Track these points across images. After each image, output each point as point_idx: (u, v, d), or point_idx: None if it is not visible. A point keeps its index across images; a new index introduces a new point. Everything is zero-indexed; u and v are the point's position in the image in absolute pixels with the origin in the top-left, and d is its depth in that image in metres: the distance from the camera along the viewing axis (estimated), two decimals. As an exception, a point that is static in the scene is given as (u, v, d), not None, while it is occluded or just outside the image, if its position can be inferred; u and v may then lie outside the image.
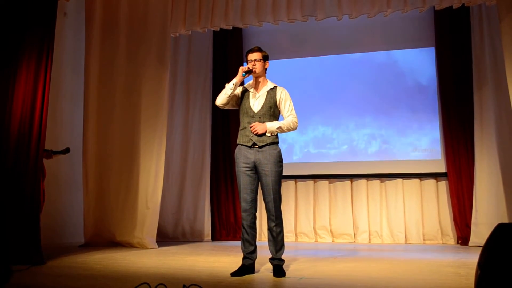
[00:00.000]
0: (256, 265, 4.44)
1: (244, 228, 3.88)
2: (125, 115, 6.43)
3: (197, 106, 7.64)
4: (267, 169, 3.83)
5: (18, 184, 4.64)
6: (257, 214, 7.58)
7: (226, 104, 4.00)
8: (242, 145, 3.92)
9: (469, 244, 6.28)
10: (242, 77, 3.94)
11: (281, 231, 3.88)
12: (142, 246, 6.07)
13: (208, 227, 7.35)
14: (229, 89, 3.93)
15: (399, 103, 7.14)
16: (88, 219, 6.36)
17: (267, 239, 3.98)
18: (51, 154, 5.55)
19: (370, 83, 7.28)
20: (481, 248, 2.51)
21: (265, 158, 3.84)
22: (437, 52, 6.97)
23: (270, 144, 3.88)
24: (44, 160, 5.36)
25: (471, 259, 4.84)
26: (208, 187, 7.45)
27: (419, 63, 7.15)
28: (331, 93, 7.40)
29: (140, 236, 6.13)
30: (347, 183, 7.19)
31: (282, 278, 3.71)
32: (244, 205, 3.87)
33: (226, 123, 7.65)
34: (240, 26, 6.34)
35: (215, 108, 7.63)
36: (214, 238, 7.41)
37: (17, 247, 4.42)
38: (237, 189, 7.40)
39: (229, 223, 7.46)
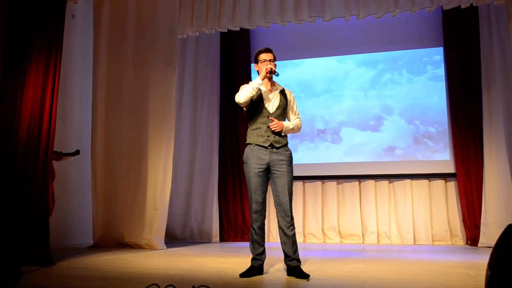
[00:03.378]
0: (265, 266, 4.44)
1: (254, 229, 3.85)
2: (133, 116, 6.46)
3: (205, 107, 7.66)
4: (283, 170, 3.81)
5: (28, 186, 4.67)
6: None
7: (248, 102, 3.91)
8: (257, 145, 3.87)
9: (479, 245, 6.25)
10: (269, 76, 3.91)
11: (295, 231, 3.87)
12: (151, 247, 6.08)
13: (216, 228, 7.37)
14: (255, 88, 3.85)
15: (408, 103, 7.12)
16: (97, 221, 6.39)
17: (274, 241, 3.95)
18: (61, 156, 5.58)
19: (378, 83, 7.27)
20: (490, 249, 2.50)
21: (279, 159, 3.82)
22: (446, 52, 6.95)
23: (285, 145, 3.90)
24: (54, 162, 5.39)
25: (480, 260, 4.81)
26: (216, 188, 7.47)
27: (428, 63, 7.13)
28: (339, 93, 7.39)
29: (148, 237, 6.15)
30: (355, 183, 7.18)
31: (292, 278, 3.67)
32: (255, 206, 3.83)
33: (234, 124, 7.66)
34: (247, 27, 6.34)
35: (222, 109, 7.67)
36: (222, 239, 7.42)
37: (27, 249, 4.45)
38: (245, 190, 7.44)
39: (237, 224, 7.46)
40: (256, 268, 3.85)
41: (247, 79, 7.68)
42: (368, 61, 7.37)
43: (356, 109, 7.31)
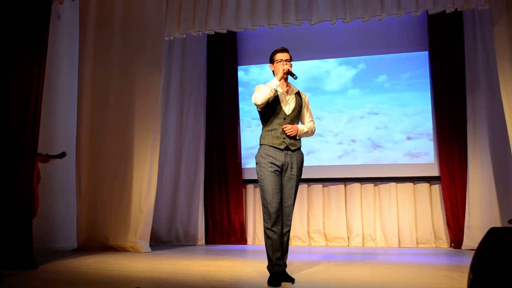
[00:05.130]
0: (248, 269, 4.45)
1: (272, 231, 3.67)
2: (118, 119, 6.42)
3: (191, 110, 7.63)
4: (294, 173, 3.79)
5: (11, 188, 4.61)
6: (251, 217, 7.62)
7: (265, 103, 3.79)
8: (272, 146, 3.79)
9: (462, 247, 6.30)
10: (285, 77, 3.86)
11: (290, 235, 3.87)
12: (136, 250, 6.04)
13: (202, 231, 7.33)
14: (273, 89, 3.77)
15: (392, 106, 7.17)
16: (81, 223, 6.33)
17: (260, 243, 3.92)
18: (47, 158, 5.53)
19: (363, 87, 7.31)
20: (474, 252, 2.52)
21: (293, 162, 3.79)
22: (431, 56, 7.01)
23: (299, 148, 3.89)
24: (40, 164, 5.34)
25: (464, 262, 4.86)
26: (202, 191, 7.44)
27: (413, 67, 7.19)
28: (324, 97, 7.42)
29: (133, 240, 6.11)
30: (340, 186, 7.20)
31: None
32: (274, 207, 3.67)
33: (220, 127, 7.64)
34: (234, 30, 6.34)
35: (209, 111, 7.65)
36: (208, 242, 7.39)
37: (9, 252, 4.40)
38: (231, 193, 7.43)
39: (223, 227, 7.44)
40: (281, 275, 3.68)
41: (234, 81, 7.70)
42: (353, 64, 7.41)
43: (340, 112, 7.34)
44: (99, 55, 6.52)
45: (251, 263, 4.98)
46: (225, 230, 7.43)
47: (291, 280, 3.67)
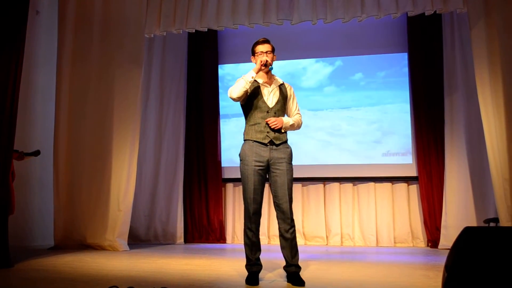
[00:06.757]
0: (226, 268, 4.45)
1: (252, 232, 3.58)
2: (97, 116, 6.36)
3: (171, 108, 7.59)
4: (284, 168, 3.66)
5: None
6: (230, 216, 7.61)
7: (241, 97, 3.65)
8: (255, 141, 3.64)
9: (439, 247, 6.39)
10: (265, 69, 3.69)
11: (295, 233, 3.69)
12: (114, 249, 6.00)
13: (181, 229, 7.31)
14: (248, 82, 3.60)
15: (371, 107, 7.23)
16: (59, 221, 6.26)
17: (241, 242, 3.85)
18: (22, 155, 5.46)
19: (343, 87, 7.36)
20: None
21: (279, 157, 3.65)
22: (410, 57, 7.09)
23: (285, 142, 3.75)
24: (15, 162, 5.26)
25: (440, 261, 4.91)
26: (181, 189, 7.41)
27: (392, 68, 7.26)
28: (305, 97, 7.44)
29: (111, 238, 6.06)
30: (320, 186, 7.24)
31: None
32: (255, 207, 3.58)
33: (200, 125, 7.63)
34: (215, 28, 6.32)
35: (189, 110, 7.63)
36: (187, 240, 7.37)
37: (-16, 250, 4.33)
38: (211, 191, 7.41)
39: (202, 226, 7.43)
40: (258, 274, 3.64)
41: (214, 80, 7.68)
42: (333, 64, 7.45)
43: (321, 112, 7.37)
44: (78, 51, 6.45)
45: (230, 262, 4.98)
46: (204, 229, 7.42)
47: (301, 283, 3.48)
